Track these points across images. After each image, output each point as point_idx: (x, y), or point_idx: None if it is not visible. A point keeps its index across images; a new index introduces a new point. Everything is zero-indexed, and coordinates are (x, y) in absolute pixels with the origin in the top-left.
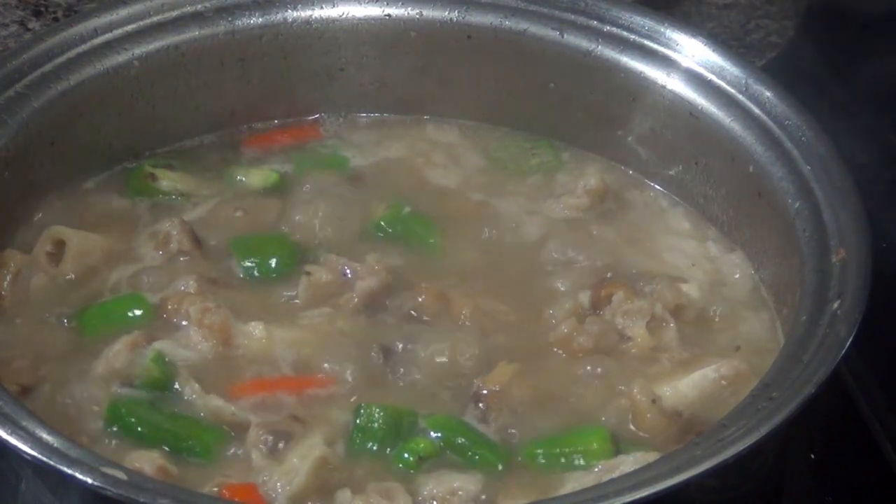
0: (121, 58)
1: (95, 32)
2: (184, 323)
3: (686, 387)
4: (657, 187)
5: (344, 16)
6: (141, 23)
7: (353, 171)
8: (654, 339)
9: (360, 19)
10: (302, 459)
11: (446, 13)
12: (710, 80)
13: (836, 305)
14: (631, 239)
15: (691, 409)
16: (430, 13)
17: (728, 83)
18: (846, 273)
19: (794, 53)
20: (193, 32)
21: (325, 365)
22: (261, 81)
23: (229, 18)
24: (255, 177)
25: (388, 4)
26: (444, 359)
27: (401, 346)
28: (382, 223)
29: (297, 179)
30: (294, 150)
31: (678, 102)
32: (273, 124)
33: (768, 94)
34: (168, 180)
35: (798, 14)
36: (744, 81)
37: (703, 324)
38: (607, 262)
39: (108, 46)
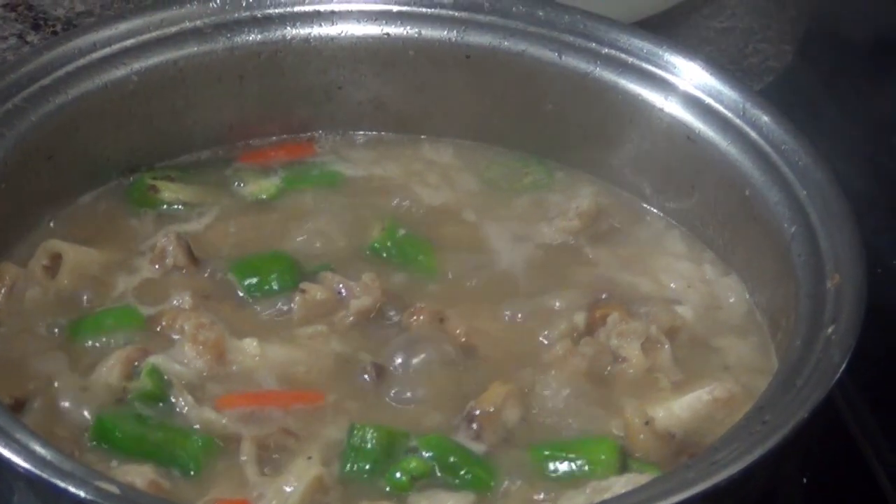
0: (119, 72)
1: (94, 46)
2: (178, 338)
3: (680, 408)
4: (653, 210)
5: (342, 34)
6: (140, 38)
7: (349, 188)
8: (648, 360)
9: (358, 38)
10: (298, 479)
11: (445, 33)
12: (707, 104)
13: (830, 331)
14: (625, 261)
15: (684, 431)
16: (429, 32)
17: (725, 107)
18: (841, 298)
19: (792, 78)
20: (192, 48)
21: (318, 381)
22: (259, 98)
23: (228, 35)
24: (253, 191)
25: (386, 23)
26: (437, 378)
27: (394, 364)
28: (377, 244)
29: (293, 196)
30: (291, 167)
31: (675, 125)
32: (270, 141)
33: (765, 118)
34: (169, 191)
35: (796, 39)
36: (741, 105)
37: (697, 346)
38: (602, 283)
39: (107, 61)
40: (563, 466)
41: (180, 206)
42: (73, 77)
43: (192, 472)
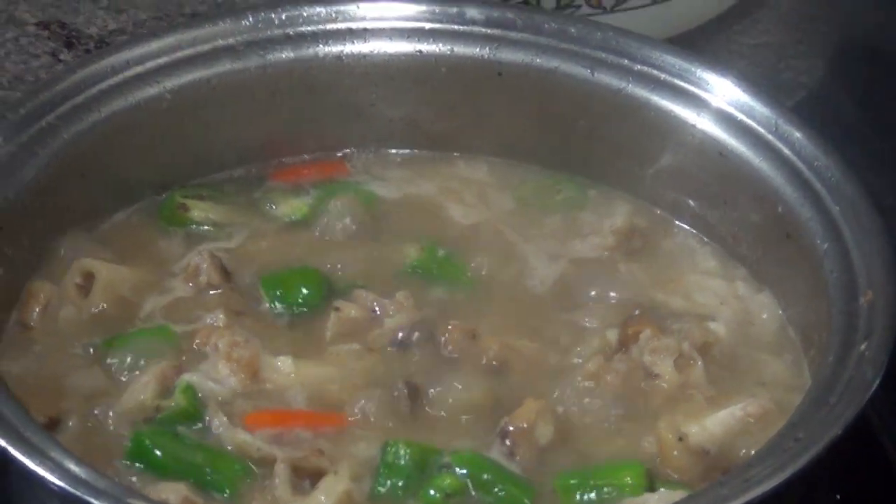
0: (152, 90)
1: (127, 65)
2: (212, 356)
3: (713, 425)
4: (685, 226)
5: (375, 52)
6: (173, 56)
7: (382, 207)
8: (681, 376)
9: (390, 55)
10: (327, 495)
11: (477, 50)
12: (739, 120)
13: (863, 347)
14: (658, 277)
15: (718, 448)
16: (461, 49)
17: (757, 123)
18: (874, 315)
19: (825, 93)
20: (225, 66)
21: (352, 400)
22: (291, 115)
23: (261, 52)
24: (284, 210)
25: (418, 41)
26: (470, 396)
27: (428, 382)
28: (417, 263)
29: (327, 214)
30: (323, 185)
31: (707, 142)
32: (303, 158)
33: (798, 134)
34: (200, 210)
35: (829, 54)
36: (773, 122)
37: (730, 362)
38: (634, 300)
39: (140, 79)
40: (591, 495)
41: (211, 226)
42: (106, 95)
43: (225, 494)
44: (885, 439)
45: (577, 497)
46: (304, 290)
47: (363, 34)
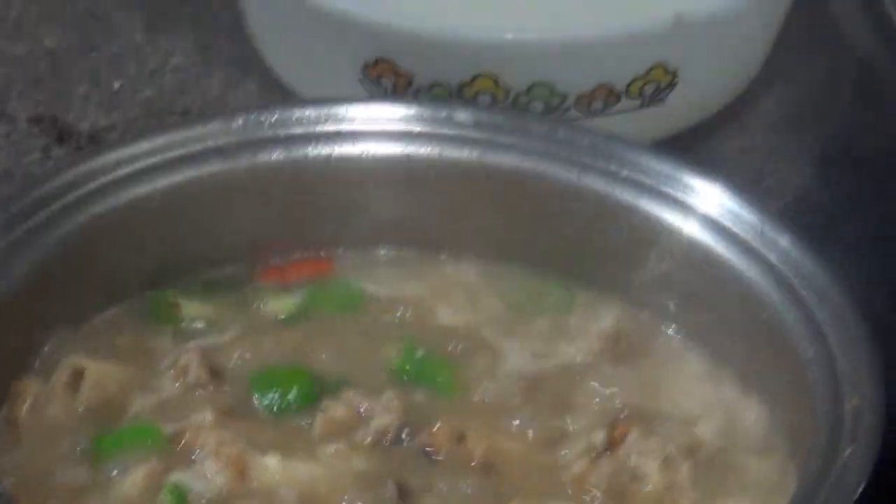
0: (143, 190)
1: (118, 164)
2: (200, 455)
3: None
4: (671, 331)
5: (364, 154)
6: (164, 156)
7: (370, 307)
8: (667, 479)
9: (379, 157)
10: None
11: (466, 153)
12: (725, 226)
13: (847, 453)
14: (645, 381)
15: None
16: (450, 153)
17: (743, 229)
18: (859, 421)
19: (811, 198)
20: (215, 167)
21: (340, 500)
22: (280, 215)
23: (251, 154)
24: (273, 308)
25: (408, 144)
26: (458, 497)
27: (416, 483)
28: (397, 363)
29: (315, 313)
30: (312, 284)
31: (694, 247)
32: (292, 257)
33: (783, 240)
34: (190, 308)
35: (815, 159)
36: (759, 228)
37: (716, 466)
38: (621, 403)
39: (131, 179)
40: None
41: (201, 323)
42: (96, 194)
43: None
44: None
45: None
46: (293, 389)
47: (352, 137)
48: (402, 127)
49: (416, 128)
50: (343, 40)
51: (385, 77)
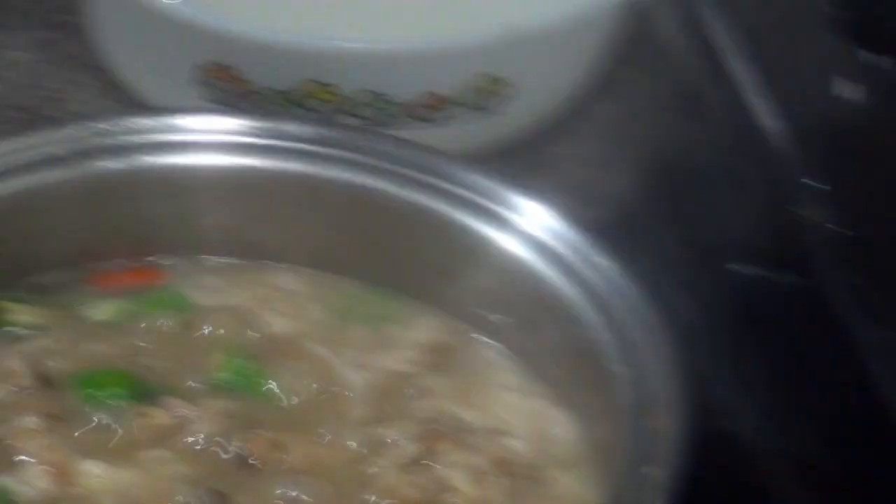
0: None
1: None
2: (24, 459)
3: None
4: (489, 342)
5: (196, 164)
6: None
7: (195, 314)
8: (478, 491)
9: (209, 168)
10: None
11: (292, 164)
12: (545, 243)
13: (650, 469)
14: (460, 392)
15: None
16: (279, 164)
17: (562, 246)
18: (665, 437)
19: (634, 210)
20: (47, 175)
21: None
22: (109, 223)
23: (82, 162)
24: (100, 313)
25: (239, 154)
26: None
27: (233, 491)
28: (218, 370)
29: (140, 319)
30: (139, 291)
31: (512, 263)
32: (120, 264)
33: (602, 258)
34: (16, 313)
35: (636, 171)
36: (578, 243)
37: (527, 478)
38: (435, 414)
39: None
40: None
41: (28, 328)
42: None
43: None
44: None
45: None
46: (116, 394)
47: (183, 147)
48: (233, 138)
49: (248, 139)
50: (179, 43)
51: (219, 80)
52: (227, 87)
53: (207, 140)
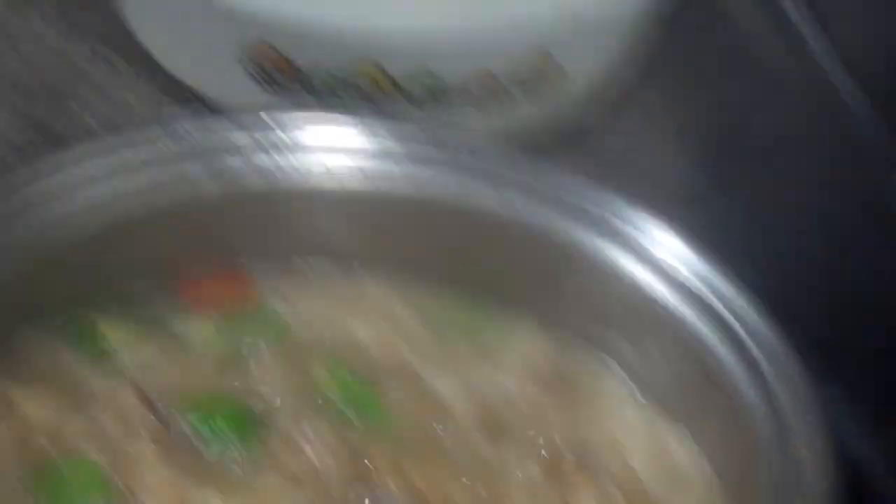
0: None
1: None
2: (139, 490)
3: None
4: (606, 363)
5: (284, 167)
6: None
7: (293, 332)
8: None
9: (300, 171)
10: None
11: (392, 168)
12: (667, 267)
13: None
14: (575, 412)
15: None
16: (384, 168)
17: (681, 263)
18: (808, 471)
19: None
20: (140, 180)
21: None
22: (199, 235)
23: (175, 171)
24: (196, 334)
25: (338, 159)
26: None
27: None
28: (326, 391)
29: (238, 339)
30: (232, 305)
31: (631, 285)
32: (209, 272)
33: (719, 279)
34: (109, 329)
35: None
36: (695, 264)
37: (648, 498)
38: (551, 434)
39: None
40: None
41: (124, 349)
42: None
43: None
44: None
45: None
46: (228, 421)
47: (279, 149)
48: (333, 143)
49: (350, 144)
50: (224, 24)
51: (267, 62)
52: (273, 69)
53: (305, 143)
